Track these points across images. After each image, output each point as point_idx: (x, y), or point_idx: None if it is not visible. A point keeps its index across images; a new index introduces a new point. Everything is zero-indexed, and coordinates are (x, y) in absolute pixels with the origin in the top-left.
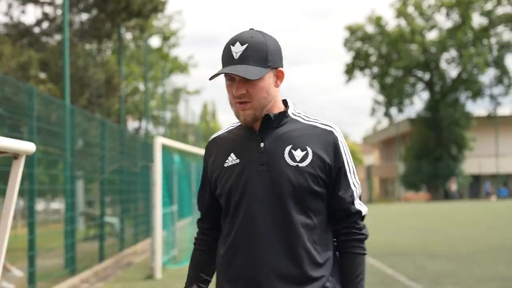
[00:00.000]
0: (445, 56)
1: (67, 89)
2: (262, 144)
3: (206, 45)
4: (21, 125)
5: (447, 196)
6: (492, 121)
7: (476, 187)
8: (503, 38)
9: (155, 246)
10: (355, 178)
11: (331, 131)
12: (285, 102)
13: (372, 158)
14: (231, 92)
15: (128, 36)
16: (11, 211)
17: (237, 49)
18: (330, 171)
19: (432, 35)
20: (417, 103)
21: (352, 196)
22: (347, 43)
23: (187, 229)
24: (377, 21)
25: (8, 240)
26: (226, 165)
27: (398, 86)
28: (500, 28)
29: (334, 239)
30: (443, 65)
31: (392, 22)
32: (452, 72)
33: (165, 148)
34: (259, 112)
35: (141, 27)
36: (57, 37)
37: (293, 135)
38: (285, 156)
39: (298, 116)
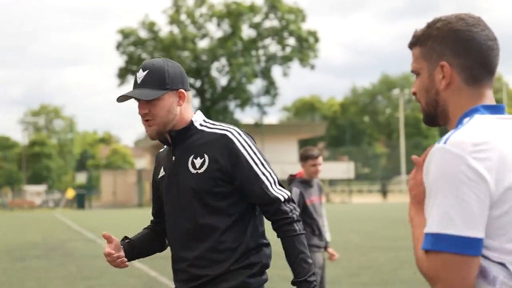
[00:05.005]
0: (216, 64)
1: None
2: (173, 158)
3: None
4: None
5: None
6: (258, 129)
7: None
8: (270, 50)
9: None
10: (264, 168)
11: (224, 134)
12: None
13: (143, 162)
14: (139, 111)
15: None
16: None
17: (140, 75)
18: (229, 170)
19: (203, 44)
20: None
21: (263, 186)
22: (119, 47)
23: None
24: (150, 27)
25: None
26: (159, 176)
27: None
28: (267, 41)
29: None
30: (213, 73)
31: (165, 29)
32: (222, 80)
33: None
34: (162, 128)
35: None
36: None
37: (196, 145)
38: (188, 166)
39: (205, 126)
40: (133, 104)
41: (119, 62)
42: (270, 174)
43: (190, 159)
